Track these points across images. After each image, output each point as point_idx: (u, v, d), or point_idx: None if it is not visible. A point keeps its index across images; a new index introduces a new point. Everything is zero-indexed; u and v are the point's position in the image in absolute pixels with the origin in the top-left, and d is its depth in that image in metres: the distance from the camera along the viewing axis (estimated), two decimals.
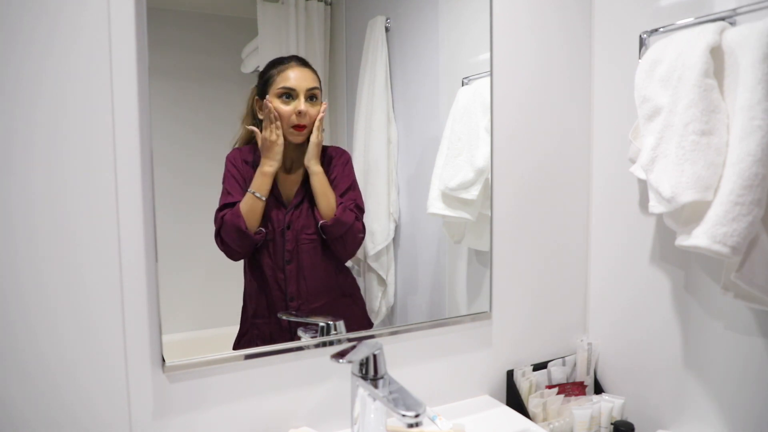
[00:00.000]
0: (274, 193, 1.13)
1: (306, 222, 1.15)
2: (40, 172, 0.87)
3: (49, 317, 0.88)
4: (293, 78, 1.11)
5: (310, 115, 1.12)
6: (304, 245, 1.14)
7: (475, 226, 1.30)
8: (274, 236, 1.13)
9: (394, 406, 0.85)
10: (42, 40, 0.86)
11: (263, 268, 1.12)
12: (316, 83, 1.13)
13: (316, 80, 1.14)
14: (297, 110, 1.10)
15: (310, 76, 1.13)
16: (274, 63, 1.12)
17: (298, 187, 1.16)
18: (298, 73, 1.12)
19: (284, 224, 1.14)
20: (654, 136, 1.08)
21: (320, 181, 1.14)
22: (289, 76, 1.11)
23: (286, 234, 1.13)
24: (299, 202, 1.15)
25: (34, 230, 0.87)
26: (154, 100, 0.94)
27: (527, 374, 1.31)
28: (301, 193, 1.16)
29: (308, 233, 1.15)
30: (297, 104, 1.10)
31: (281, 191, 1.14)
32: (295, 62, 1.13)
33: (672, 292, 1.22)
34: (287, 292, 1.14)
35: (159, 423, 0.97)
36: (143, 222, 0.94)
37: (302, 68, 1.13)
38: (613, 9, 1.34)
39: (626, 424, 1.18)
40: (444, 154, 1.28)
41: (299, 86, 1.11)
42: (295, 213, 1.15)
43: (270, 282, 1.13)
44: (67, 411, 0.90)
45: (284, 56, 1.13)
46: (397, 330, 1.19)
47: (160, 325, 0.96)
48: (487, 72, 1.25)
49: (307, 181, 1.15)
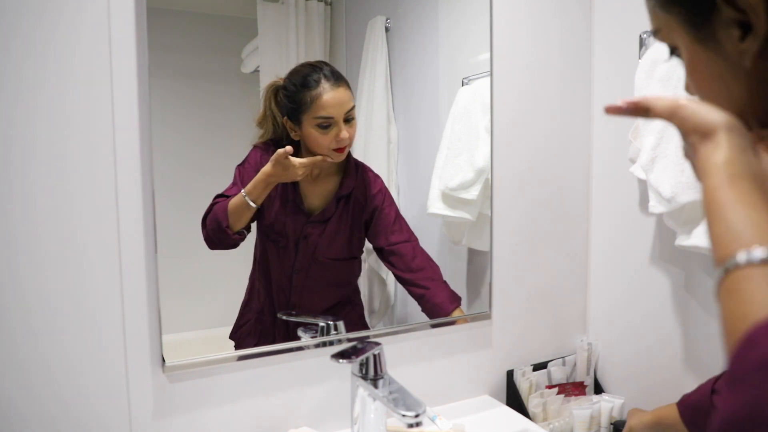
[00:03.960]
0: (294, 198, 1.08)
1: (327, 242, 1.08)
2: (40, 171, 0.87)
3: (48, 317, 0.88)
4: (330, 106, 1.04)
5: (351, 135, 1.07)
6: (319, 263, 1.09)
7: (475, 226, 1.30)
8: (286, 243, 1.10)
9: (394, 406, 0.85)
10: (41, 40, 0.85)
11: (270, 270, 1.10)
12: (352, 101, 1.07)
13: (350, 96, 1.08)
14: (338, 138, 1.05)
15: (346, 95, 1.06)
16: (305, 82, 1.04)
17: (327, 202, 1.10)
18: (335, 98, 1.04)
19: (300, 234, 1.08)
20: (654, 136, 1.08)
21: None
22: (326, 103, 1.04)
23: (300, 244, 1.08)
24: (326, 219, 1.09)
25: (34, 229, 0.87)
26: (154, 100, 0.94)
27: (527, 374, 1.31)
28: (331, 211, 1.09)
29: (327, 257, 1.09)
30: (337, 131, 1.05)
31: (303, 197, 1.09)
32: (327, 81, 1.04)
33: (672, 292, 1.22)
34: (290, 300, 1.12)
35: (159, 423, 0.97)
36: (143, 222, 0.94)
37: (336, 88, 1.05)
38: (613, 9, 1.34)
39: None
40: (444, 154, 1.28)
41: (338, 114, 1.05)
42: (317, 228, 1.09)
43: (274, 286, 1.11)
44: (67, 411, 0.90)
45: (311, 70, 1.05)
46: (397, 330, 1.19)
47: (160, 325, 0.96)
48: (487, 72, 1.25)
49: (338, 201, 1.09)
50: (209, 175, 1.10)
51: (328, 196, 1.12)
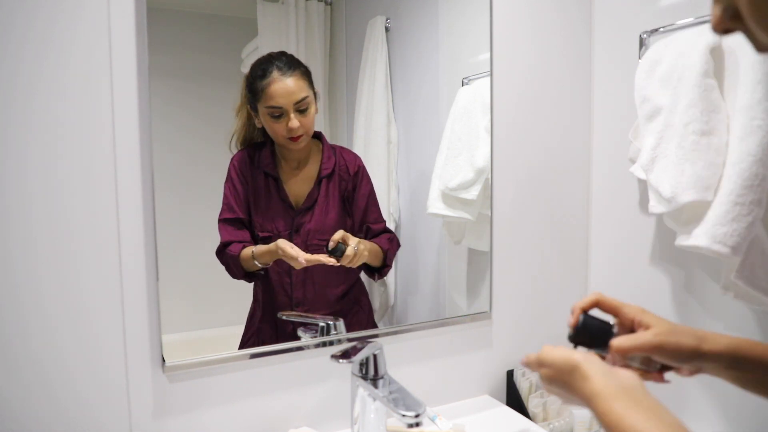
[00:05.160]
0: (280, 195, 1.11)
1: (317, 226, 1.12)
2: (38, 170, 0.87)
3: (47, 317, 0.88)
4: (278, 95, 1.06)
5: (304, 124, 1.08)
6: (314, 251, 1.10)
7: (475, 226, 1.30)
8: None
9: (394, 406, 0.85)
10: (38, 40, 0.85)
11: (269, 272, 1.11)
12: (302, 92, 1.07)
13: (302, 87, 1.07)
14: (288, 128, 1.07)
15: (297, 85, 1.07)
16: (258, 72, 1.06)
17: (309, 189, 1.12)
18: (282, 87, 1.06)
19: (291, 227, 1.11)
20: (654, 136, 1.08)
21: (368, 251, 1.14)
22: (274, 93, 1.05)
23: (293, 238, 1.10)
24: (310, 206, 1.12)
25: (32, 229, 0.87)
26: (154, 99, 0.94)
27: (527, 374, 1.31)
28: (313, 196, 1.12)
29: (319, 238, 1.11)
30: (286, 121, 1.06)
31: (288, 192, 1.12)
32: (278, 71, 1.06)
33: (672, 292, 1.22)
34: (293, 296, 1.12)
35: (159, 423, 0.97)
36: (143, 222, 0.94)
37: (285, 78, 1.06)
38: (613, 9, 1.34)
39: None
40: (444, 154, 1.28)
41: (286, 103, 1.06)
42: (305, 216, 1.11)
43: (275, 287, 1.12)
44: (67, 411, 0.90)
45: (266, 61, 1.06)
46: (397, 330, 1.19)
47: (159, 325, 0.96)
48: (487, 72, 1.25)
49: (319, 183, 1.12)
50: (209, 176, 1.10)
51: (310, 181, 1.13)
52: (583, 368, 0.61)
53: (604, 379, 0.58)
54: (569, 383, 0.63)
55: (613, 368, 0.61)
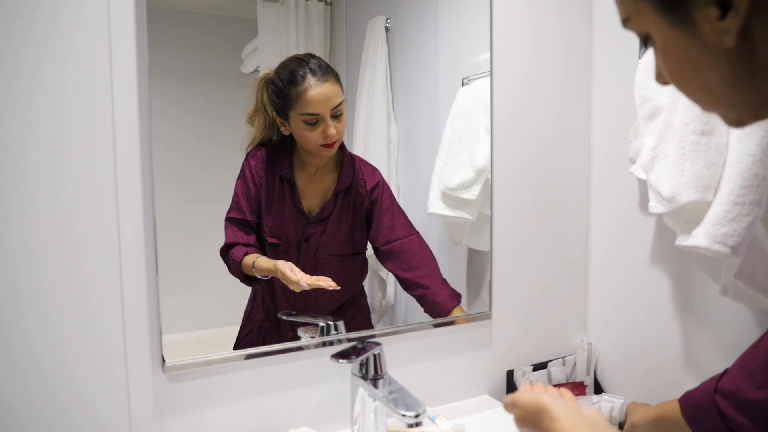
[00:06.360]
0: (294, 201, 1.08)
1: (328, 239, 1.08)
2: (38, 169, 0.87)
3: (47, 317, 0.88)
4: (316, 102, 1.02)
5: (339, 130, 1.05)
6: (322, 264, 1.08)
7: (475, 226, 1.30)
8: (287, 247, 1.09)
9: (394, 406, 0.85)
10: (38, 39, 0.85)
11: (272, 279, 1.09)
12: (340, 95, 1.05)
13: (338, 90, 1.05)
14: (325, 135, 1.04)
15: (333, 90, 1.04)
16: (291, 78, 1.02)
17: (325, 201, 1.09)
18: (321, 94, 1.02)
19: (301, 236, 1.08)
20: (654, 136, 1.08)
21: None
22: (312, 100, 1.02)
23: (302, 247, 1.08)
24: (324, 218, 1.09)
25: (33, 228, 0.87)
26: (154, 99, 0.94)
27: (527, 374, 1.31)
28: (328, 209, 1.09)
29: (330, 253, 1.09)
30: (324, 128, 1.03)
31: (302, 199, 1.09)
32: (313, 77, 1.02)
33: (672, 292, 1.22)
34: (295, 304, 1.11)
35: (159, 423, 0.97)
36: (143, 221, 0.94)
37: (322, 83, 1.03)
38: (613, 9, 1.33)
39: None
40: (444, 154, 1.28)
41: (324, 110, 1.03)
42: (317, 227, 1.09)
43: (278, 292, 1.10)
44: (67, 411, 0.90)
45: (298, 65, 1.03)
46: (397, 330, 1.19)
47: (160, 325, 0.96)
48: (487, 72, 1.25)
49: (336, 196, 1.09)
50: (210, 175, 1.10)
51: (327, 193, 1.11)
52: (550, 410, 0.66)
53: (570, 419, 0.64)
54: (538, 424, 0.68)
55: (577, 408, 0.68)
